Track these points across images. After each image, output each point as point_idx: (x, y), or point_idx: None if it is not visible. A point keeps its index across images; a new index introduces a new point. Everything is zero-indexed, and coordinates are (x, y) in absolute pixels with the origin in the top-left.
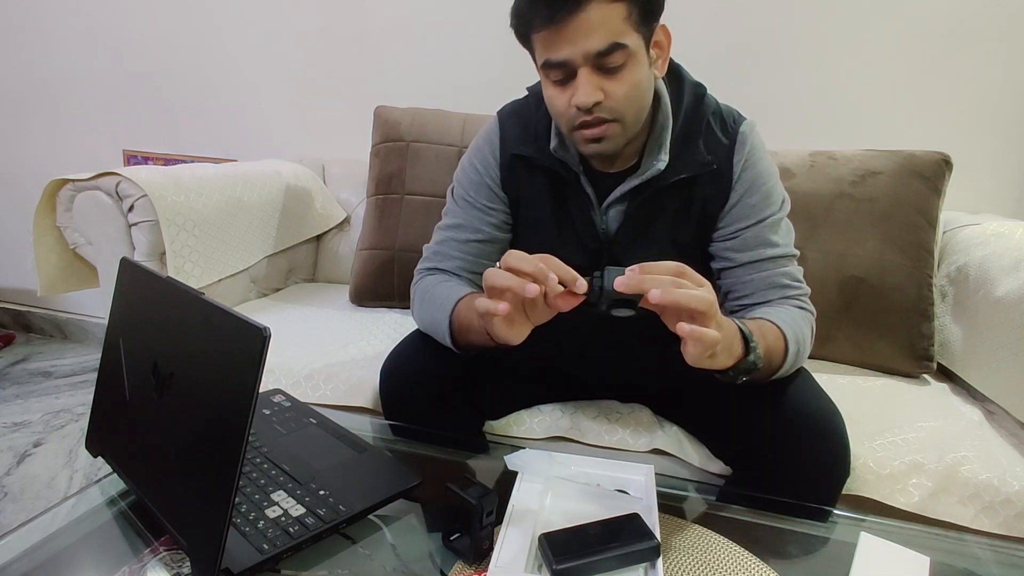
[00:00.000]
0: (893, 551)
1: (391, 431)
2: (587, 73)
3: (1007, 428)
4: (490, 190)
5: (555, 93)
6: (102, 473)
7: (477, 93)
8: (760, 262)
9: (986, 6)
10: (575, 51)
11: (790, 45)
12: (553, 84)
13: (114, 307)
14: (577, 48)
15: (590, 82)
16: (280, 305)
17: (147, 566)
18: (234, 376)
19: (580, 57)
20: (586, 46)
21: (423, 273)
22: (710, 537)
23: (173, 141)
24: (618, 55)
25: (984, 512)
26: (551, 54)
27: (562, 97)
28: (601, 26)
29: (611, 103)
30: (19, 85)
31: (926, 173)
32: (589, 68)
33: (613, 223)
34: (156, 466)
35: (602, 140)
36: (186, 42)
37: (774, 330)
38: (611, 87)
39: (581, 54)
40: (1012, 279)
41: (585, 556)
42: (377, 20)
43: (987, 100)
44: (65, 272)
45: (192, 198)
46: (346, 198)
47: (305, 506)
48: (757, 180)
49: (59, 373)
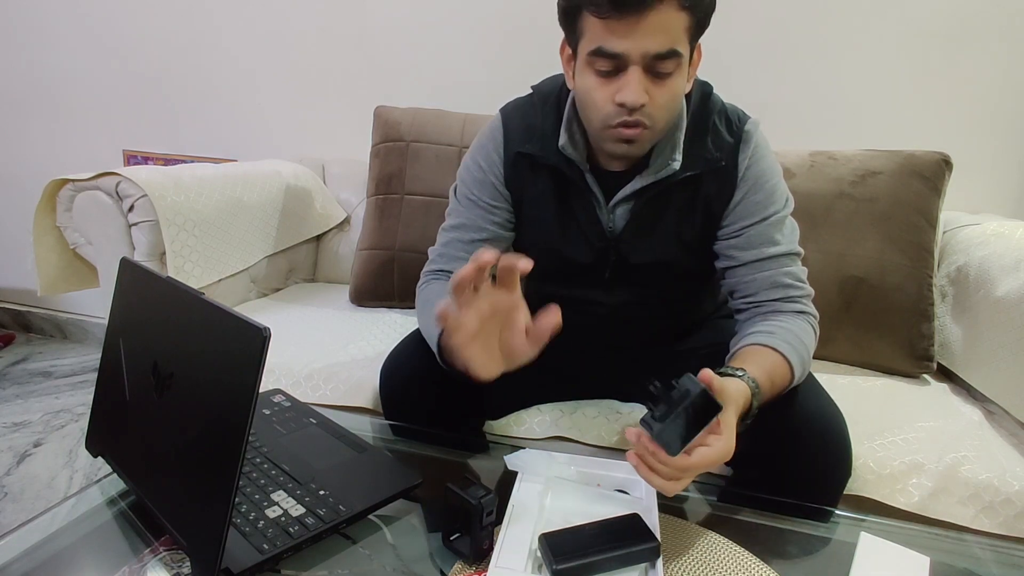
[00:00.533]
0: (893, 551)
1: (391, 431)
2: (639, 72)
3: (1007, 428)
4: (494, 188)
5: (596, 84)
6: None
7: (477, 93)
8: (763, 261)
9: (986, 6)
10: (635, 48)
11: (790, 45)
12: (596, 74)
13: (114, 307)
14: (638, 45)
15: (640, 83)
16: (280, 305)
17: (147, 566)
18: (234, 376)
19: (638, 55)
20: (647, 46)
21: (427, 277)
22: (710, 537)
23: (173, 141)
24: (671, 62)
25: (984, 512)
26: (608, 43)
27: (604, 90)
28: (666, 30)
29: (652, 109)
30: (19, 85)
31: (926, 173)
32: (642, 69)
33: (620, 221)
34: (156, 466)
35: (633, 143)
36: (186, 42)
37: (783, 368)
38: (656, 92)
39: (640, 52)
40: (1012, 279)
41: (585, 556)
42: (377, 20)
43: (987, 100)
44: (65, 272)
45: (192, 198)
46: (346, 198)
47: (305, 506)
48: (761, 178)
49: (59, 373)
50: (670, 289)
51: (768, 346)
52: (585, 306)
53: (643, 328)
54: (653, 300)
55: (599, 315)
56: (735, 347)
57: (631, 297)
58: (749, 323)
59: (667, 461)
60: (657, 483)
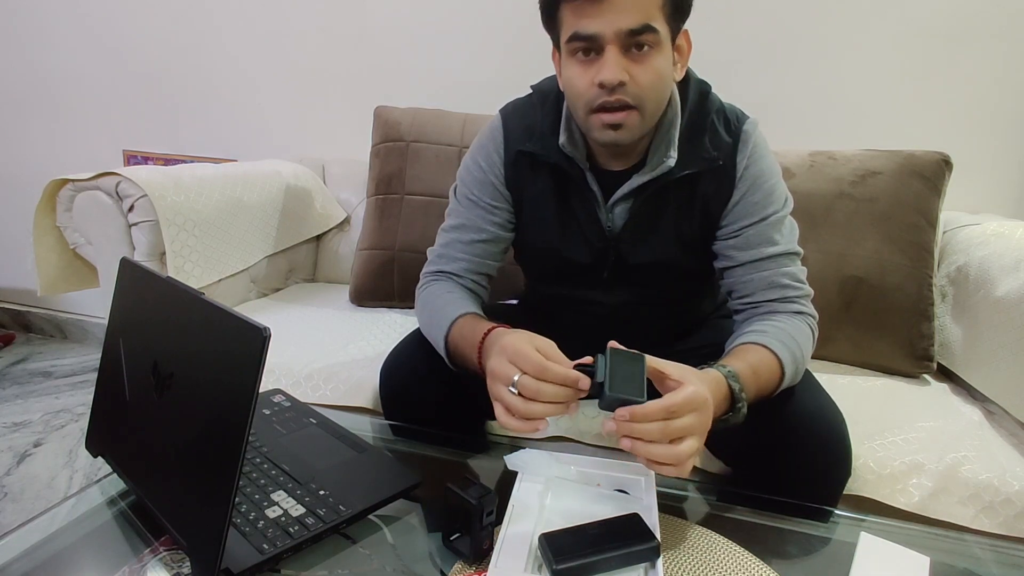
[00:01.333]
0: (893, 551)
1: (391, 431)
2: (615, 51)
3: (1007, 428)
4: (494, 188)
5: (577, 72)
6: (102, 473)
7: (477, 93)
8: (761, 261)
9: (986, 6)
10: (607, 26)
11: (790, 45)
12: (576, 62)
13: (114, 307)
14: (609, 23)
15: (617, 61)
16: (280, 305)
17: (147, 566)
18: (234, 376)
19: (611, 33)
20: (619, 22)
21: (428, 278)
22: (710, 537)
23: (173, 141)
24: (648, 36)
25: (984, 512)
26: (581, 26)
27: (585, 76)
28: (637, 5)
29: (634, 88)
30: (19, 85)
31: (926, 173)
32: (617, 47)
33: (619, 220)
34: (156, 466)
35: (620, 127)
36: (186, 42)
37: (770, 362)
38: (636, 71)
39: (613, 30)
40: (1012, 279)
41: (585, 556)
42: (377, 20)
43: (987, 100)
44: (65, 272)
45: (192, 198)
46: (346, 198)
47: (305, 506)
48: (760, 178)
49: (59, 373)
50: (669, 289)
51: (757, 343)
52: (584, 306)
53: (643, 328)
54: (652, 300)
55: (598, 315)
56: (728, 347)
57: (630, 297)
58: (745, 324)
59: (644, 413)
60: (658, 452)
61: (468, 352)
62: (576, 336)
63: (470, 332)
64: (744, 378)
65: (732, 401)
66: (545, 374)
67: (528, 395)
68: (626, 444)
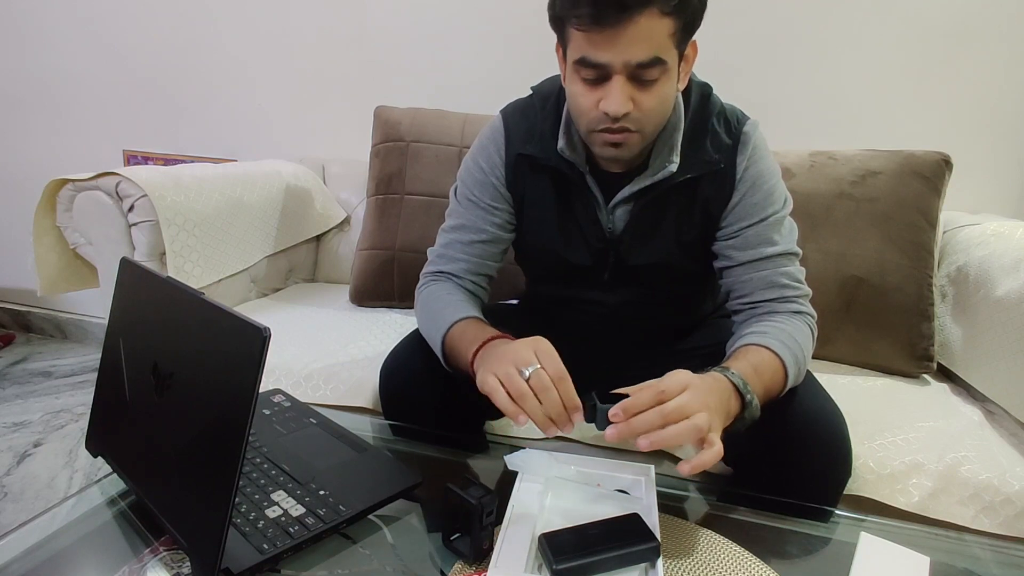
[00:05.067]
0: (893, 551)
1: (391, 431)
2: (622, 81)
3: (1007, 428)
4: (495, 189)
5: (582, 91)
6: (102, 473)
7: (477, 93)
8: (760, 261)
9: (986, 6)
10: (616, 56)
11: (790, 45)
12: (582, 81)
13: (114, 307)
14: (619, 55)
15: (623, 91)
16: (280, 305)
17: (147, 566)
18: (234, 376)
19: (620, 64)
20: (628, 55)
21: (428, 278)
22: (710, 537)
23: (173, 141)
24: (656, 70)
25: (984, 512)
26: (590, 54)
27: (589, 97)
28: (647, 38)
29: (638, 114)
30: (19, 85)
31: (926, 173)
32: (625, 77)
33: (620, 223)
34: (156, 466)
35: (620, 147)
36: (186, 42)
37: (772, 361)
38: (642, 99)
39: (622, 62)
40: (1012, 279)
41: (585, 556)
42: (377, 20)
43: (987, 100)
44: (65, 272)
45: (192, 198)
46: (346, 198)
47: (305, 506)
48: (759, 179)
49: (59, 373)
50: (670, 289)
51: (759, 345)
52: (585, 306)
53: (643, 328)
54: (653, 300)
55: (599, 315)
56: (728, 350)
57: (631, 297)
58: (744, 324)
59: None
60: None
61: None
62: (576, 336)
63: (469, 336)
64: (746, 376)
65: (741, 397)
66: (560, 383)
67: (535, 387)
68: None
